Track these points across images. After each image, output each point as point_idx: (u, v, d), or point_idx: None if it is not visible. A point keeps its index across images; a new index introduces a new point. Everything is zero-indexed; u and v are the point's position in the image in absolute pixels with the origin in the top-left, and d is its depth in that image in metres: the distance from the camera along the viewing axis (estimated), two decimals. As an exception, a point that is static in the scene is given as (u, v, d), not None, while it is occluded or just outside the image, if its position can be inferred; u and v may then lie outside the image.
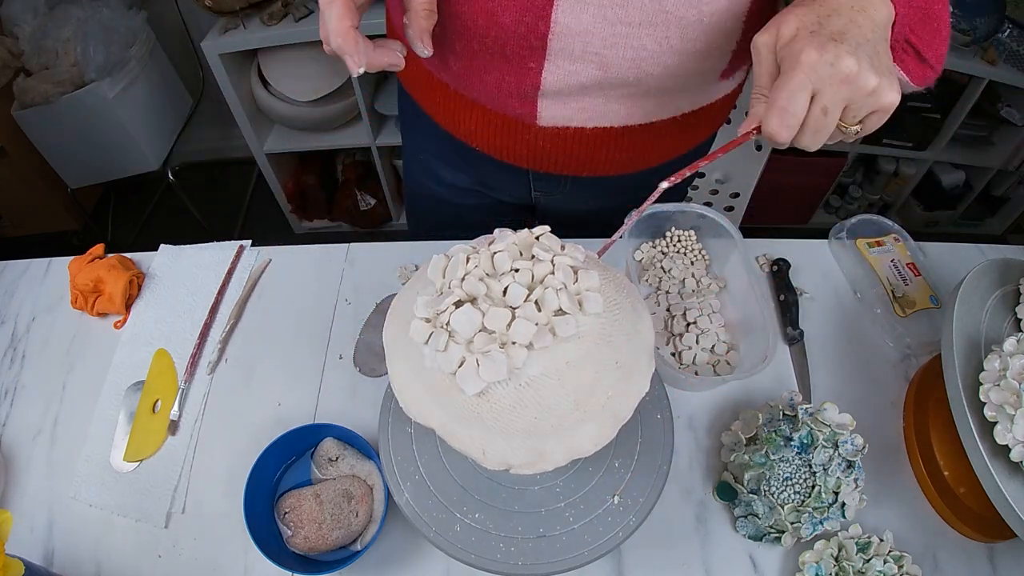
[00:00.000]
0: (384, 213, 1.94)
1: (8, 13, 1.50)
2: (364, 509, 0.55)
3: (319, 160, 1.95)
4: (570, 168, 0.66)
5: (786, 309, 0.71)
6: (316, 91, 1.56)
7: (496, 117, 0.62)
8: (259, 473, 0.55)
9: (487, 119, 0.62)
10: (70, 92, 1.46)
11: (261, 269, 0.77)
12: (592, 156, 0.63)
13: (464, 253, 0.39)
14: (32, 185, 1.69)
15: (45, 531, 0.58)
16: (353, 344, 0.69)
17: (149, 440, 0.63)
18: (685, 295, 0.70)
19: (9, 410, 0.66)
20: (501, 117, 0.61)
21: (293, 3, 1.42)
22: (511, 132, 0.62)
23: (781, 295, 0.72)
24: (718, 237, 0.72)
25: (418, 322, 0.37)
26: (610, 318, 0.38)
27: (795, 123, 0.38)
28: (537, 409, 0.35)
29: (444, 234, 0.77)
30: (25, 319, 0.73)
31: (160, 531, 0.58)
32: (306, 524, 0.53)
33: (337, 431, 0.58)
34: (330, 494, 0.54)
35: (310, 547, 0.53)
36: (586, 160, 0.64)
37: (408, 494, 0.48)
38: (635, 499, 0.47)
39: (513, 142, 0.63)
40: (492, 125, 0.63)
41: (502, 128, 0.62)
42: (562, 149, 0.63)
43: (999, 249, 0.77)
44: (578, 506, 0.47)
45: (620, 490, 0.47)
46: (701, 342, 0.66)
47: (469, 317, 0.35)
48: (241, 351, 0.70)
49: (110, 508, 0.59)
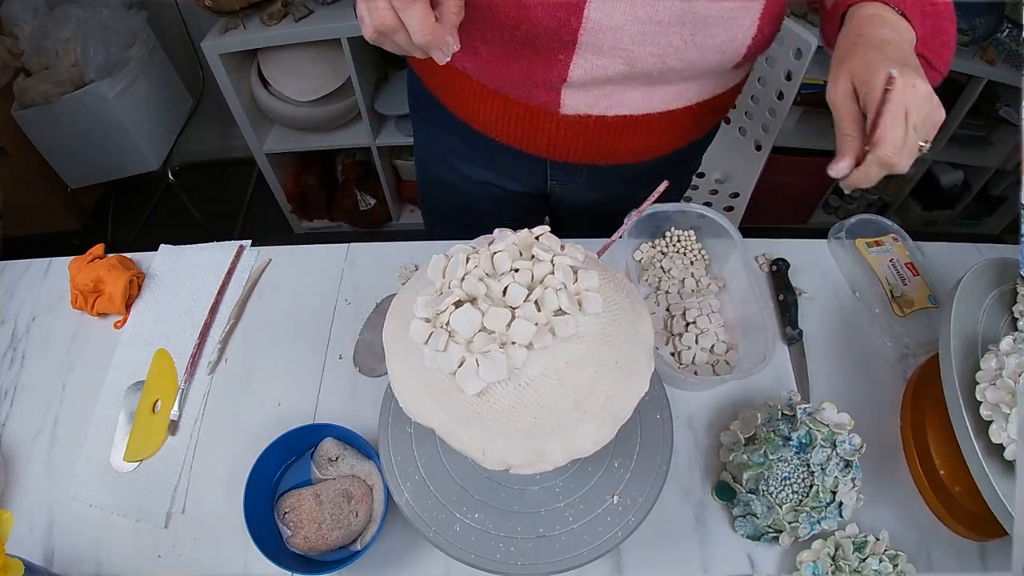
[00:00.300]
0: (384, 213, 1.95)
1: (8, 13, 1.50)
2: (364, 509, 0.55)
3: (319, 160, 1.95)
4: (588, 156, 0.68)
5: (785, 309, 0.71)
6: (316, 91, 1.56)
7: (518, 107, 0.63)
8: (259, 473, 0.55)
9: (508, 109, 0.64)
10: (70, 92, 1.46)
11: (261, 269, 0.77)
12: (611, 143, 0.65)
13: (464, 253, 0.39)
14: (32, 185, 1.69)
15: (45, 531, 0.58)
16: (353, 344, 0.69)
17: (149, 440, 0.63)
18: (685, 295, 0.70)
19: (9, 410, 0.66)
20: (524, 107, 0.63)
21: (293, 3, 1.42)
22: (533, 121, 0.64)
23: (780, 295, 0.72)
24: (718, 237, 0.72)
25: (418, 322, 0.37)
26: (610, 318, 0.38)
27: (909, 149, 0.42)
28: (537, 409, 0.36)
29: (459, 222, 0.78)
30: (25, 319, 0.73)
31: (160, 531, 0.58)
32: (306, 524, 0.53)
33: (337, 431, 0.58)
34: (330, 494, 0.54)
35: (310, 547, 0.53)
36: (605, 148, 0.66)
37: (408, 494, 0.48)
38: (634, 499, 0.47)
39: (534, 131, 0.65)
40: (513, 115, 0.64)
41: (524, 117, 0.64)
42: (582, 137, 0.65)
43: (997, 248, 0.77)
44: (577, 506, 0.47)
45: (619, 490, 0.47)
46: (700, 342, 0.66)
47: (469, 317, 0.35)
48: (241, 351, 0.70)
49: (110, 508, 0.59)
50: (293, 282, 0.76)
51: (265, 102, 1.58)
